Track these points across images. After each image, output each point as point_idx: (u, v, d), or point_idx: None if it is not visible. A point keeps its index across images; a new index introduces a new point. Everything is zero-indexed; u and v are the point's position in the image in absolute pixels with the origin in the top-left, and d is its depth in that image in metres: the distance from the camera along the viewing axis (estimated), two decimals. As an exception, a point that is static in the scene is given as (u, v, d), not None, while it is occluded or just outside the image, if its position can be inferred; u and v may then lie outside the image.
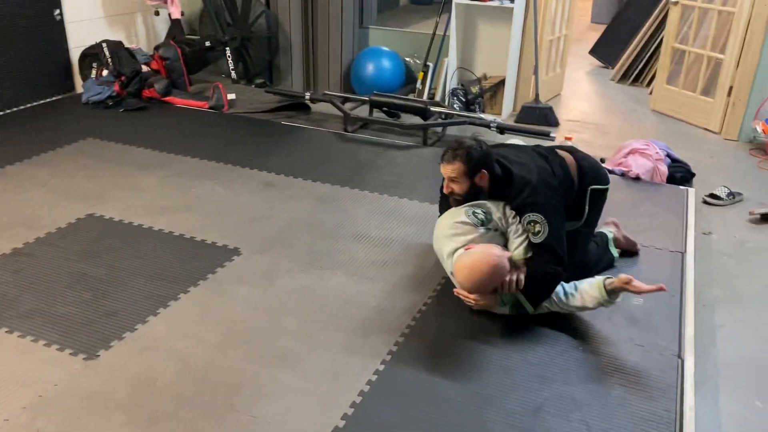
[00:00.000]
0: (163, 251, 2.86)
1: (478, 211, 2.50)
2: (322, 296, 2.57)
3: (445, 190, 2.57)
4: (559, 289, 2.40)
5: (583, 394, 2.09)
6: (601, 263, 2.81)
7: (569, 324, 2.43)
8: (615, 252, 2.86)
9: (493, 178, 2.52)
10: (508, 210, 2.50)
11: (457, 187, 2.52)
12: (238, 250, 2.88)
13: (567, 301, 2.38)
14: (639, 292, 2.25)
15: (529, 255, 2.44)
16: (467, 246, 2.40)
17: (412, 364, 2.20)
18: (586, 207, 2.63)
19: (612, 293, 2.29)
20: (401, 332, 2.36)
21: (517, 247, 2.45)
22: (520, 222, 2.46)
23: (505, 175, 2.51)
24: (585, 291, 2.35)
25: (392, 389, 2.09)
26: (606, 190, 2.71)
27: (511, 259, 2.38)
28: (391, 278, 2.70)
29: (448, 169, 2.50)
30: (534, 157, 2.60)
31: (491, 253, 2.29)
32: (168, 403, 2.00)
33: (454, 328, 2.40)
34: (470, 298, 2.41)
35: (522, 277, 2.39)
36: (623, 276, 2.28)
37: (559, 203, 2.50)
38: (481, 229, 2.46)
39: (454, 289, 2.47)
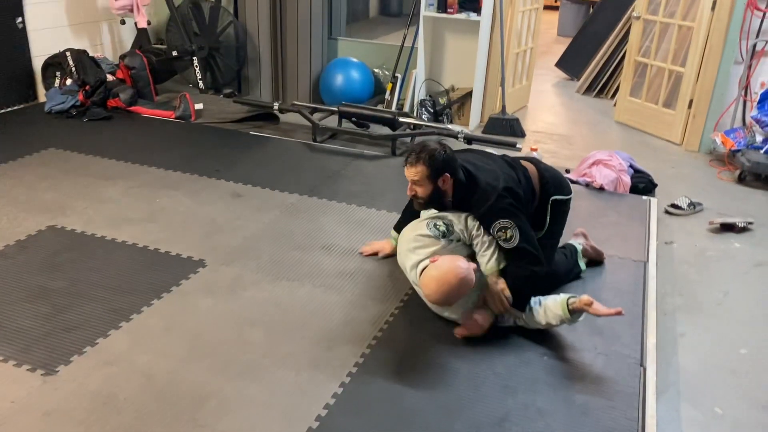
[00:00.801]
0: (126, 263, 2.81)
1: (440, 223, 2.51)
2: (288, 308, 2.55)
3: (408, 193, 2.57)
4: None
5: (548, 403, 2.11)
6: (569, 275, 2.84)
7: (535, 333, 2.45)
8: (583, 265, 2.90)
9: (457, 183, 2.52)
10: (470, 221, 2.51)
11: (420, 190, 2.52)
12: (203, 262, 2.84)
13: (532, 315, 2.41)
14: (597, 315, 2.29)
15: (503, 266, 2.46)
16: (432, 258, 2.41)
17: (379, 375, 2.20)
18: (548, 217, 2.66)
19: (574, 313, 2.33)
20: (368, 343, 2.35)
21: (489, 261, 2.46)
22: (488, 232, 2.47)
23: (470, 182, 2.52)
24: (549, 307, 2.38)
25: (358, 402, 2.08)
26: (568, 200, 2.75)
27: (476, 270, 2.39)
28: (358, 289, 2.70)
29: (411, 172, 2.50)
30: (501, 165, 2.62)
31: (458, 265, 2.30)
32: (130, 419, 1.96)
33: (420, 338, 2.41)
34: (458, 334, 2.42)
35: (507, 293, 2.41)
36: (585, 297, 2.32)
37: (525, 211, 2.54)
38: (443, 241, 2.48)
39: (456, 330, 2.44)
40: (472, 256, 2.51)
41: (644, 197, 3.75)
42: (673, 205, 3.82)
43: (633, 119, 5.40)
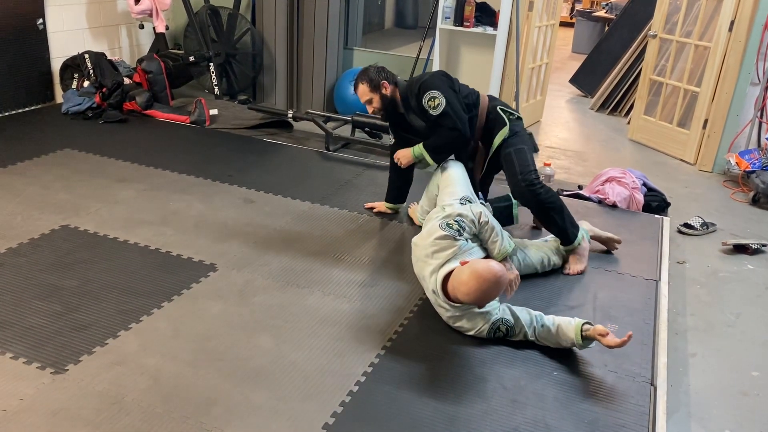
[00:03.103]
0: (137, 265, 2.82)
1: (451, 221, 2.54)
2: (298, 315, 2.55)
3: (369, 112, 3.14)
4: (538, 319, 2.44)
5: (556, 420, 2.09)
6: (570, 225, 3.00)
7: (544, 348, 2.44)
8: (583, 234, 3.03)
9: (400, 88, 3.08)
10: (474, 210, 2.59)
11: (374, 105, 3.07)
12: (214, 266, 2.85)
13: (544, 333, 2.41)
14: (609, 347, 2.28)
15: (513, 247, 2.66)
16: (462, 261, 2.42)
17: (387, 385, 2.19)
18: (502, 116, 3.09)
19: (586, 339, 2.33)
20: (376, 353, 2.35)
21: (500, 245, 2.61)
22: (421, 107, 2.95)
23: (411, 82, 3.07)
24: (562, 329, 2.37)
25: (366, 411, 2.07)
26: (514, 115, 3.13)
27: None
28: (368, 298, 2.70)
29: (359, 94, 3.08)
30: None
31: (493, 264, 2.32)
32: (137, 421, 1.96)
33: (429, 349, 2.40)
34: None
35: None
36: (600, 327, 2.31)
37: (456, 96, 3.02)
38: (460, 240, 2.49)
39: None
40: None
41: (657, 216, 3.73)
42: (686, 225, 3.80)
43: (647, 137, 5.39)
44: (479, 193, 3.15)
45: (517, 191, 2.96)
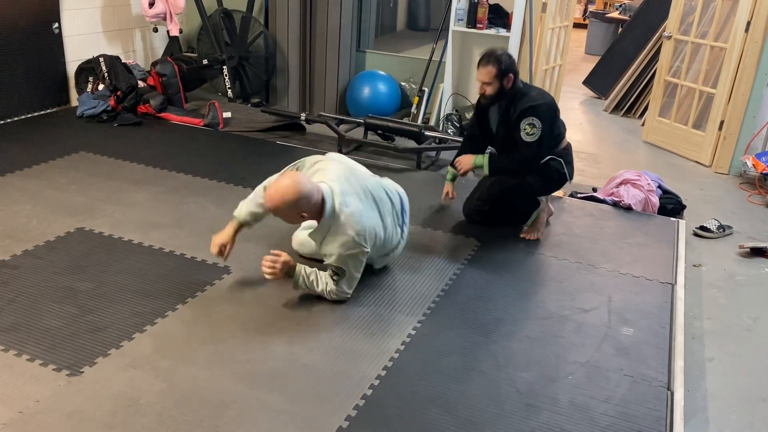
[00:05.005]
0: (152, 268, 2.84)
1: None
2: (311, 318, 2.55)
3: (479, 92, 3.16)
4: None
5: (572, 424, 2.07)
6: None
7: (559, 352, 2.42)
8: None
9: (515, 86, 3.09)
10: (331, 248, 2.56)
11: (488, 89, 3.08)
12: (228, 269, 2.86)
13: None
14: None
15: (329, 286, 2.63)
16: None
17: (401, 389, 2.18)
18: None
19: None
20: (390, 356, 2.34)
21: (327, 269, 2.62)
22: (518, 125, 3.03)
23: (525, 89, 3.12)
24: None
25: (380, 415, 2.06)
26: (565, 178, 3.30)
27: None
28: (381, 301, 2.69)
29: (482, 72, 3.06)
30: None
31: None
32: (152, 423, 1.97)
33: (443, 352, 2.39)
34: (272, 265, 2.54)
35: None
36: None
37: (551, 134, 3.10)
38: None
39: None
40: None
41: (672, 219, 3.70)
42: (702, 228, 3.76)
43: (661, 139, 5.35)
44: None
45: (488, 196, 3.37)
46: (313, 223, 2.60)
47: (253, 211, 2.74)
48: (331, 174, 2.58)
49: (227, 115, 4.95)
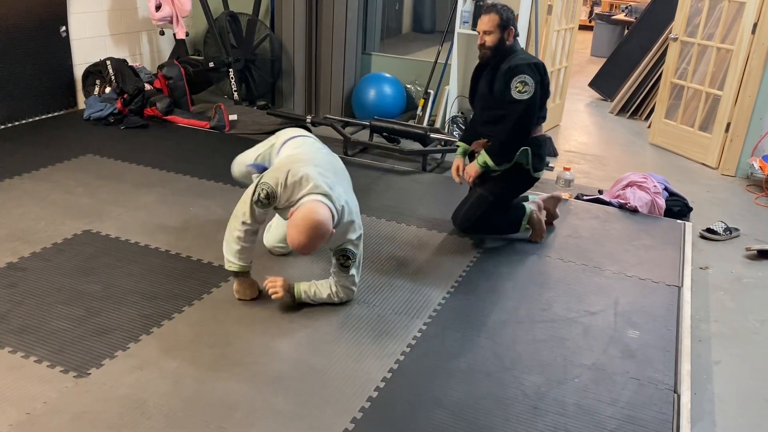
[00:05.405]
0: (158, 270, 2.85)
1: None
2: (317, 320, 2.55)
3: (478, 42, 3.07)
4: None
5: (578, 428, 2.07)
6: (512, 225, 3.32)
7: (565, 354, 2.42)
8: (523, 229, 3.31)
9: (514, 42, 3.05)
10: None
11: (489, 39, 3.01)
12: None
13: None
14: None
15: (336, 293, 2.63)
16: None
17: (406, 391, 2.18)
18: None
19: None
20: (396, 358, 2.34)
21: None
22: (507, 84, 2.94)
23: (518, 50, 3.06)
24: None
25: (386, 417, 2.06)
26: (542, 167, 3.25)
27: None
28: (387, 303, 2.69)
29: (484, 20, 3.00)
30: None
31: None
32: (158, 424, 1.97)
33: (449, 355, 2.39)
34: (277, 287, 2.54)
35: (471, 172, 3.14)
36: None
37: (541, 97, 3.04)
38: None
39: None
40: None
41: (679, 221, 3.69)
42: (709, 230, 3.75)
43: (668, 141, 5.33)
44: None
45: (458, 223, 3.32)
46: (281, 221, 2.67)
47: (246, 255, 2.59)
48: (311, 166, 2.46)
49: (233, 117, 4.97)
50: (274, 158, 2.80)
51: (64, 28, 4.91)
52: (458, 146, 3.41)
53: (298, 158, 2.54)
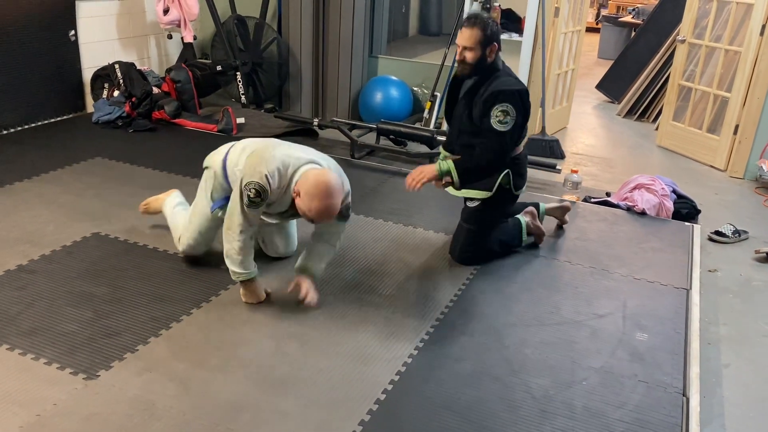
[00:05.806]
0: (167, 272, 2.86)
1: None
2: (324, 322, 2.56)
3: (457, 58, 2.86)
4: None
5: (586, 430, 2.06)
6: (513, 242, 3.17)
7: (574, 357, 2.41)
8: (524, 238, 3.18)
9: (495, 61, 2.84)
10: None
11: (470, 55, 2.79)
12: (242, 274, 2.87)
13: None
14: None
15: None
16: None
17: (415, 393, 2.18)
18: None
19: None
20: (403, 361, 2.34)
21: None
22: (487, 111, 2.77)
23: (502, 70, 2.86)
24: None
25: (393, 420, 2.06)
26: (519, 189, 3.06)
27: None
28: (394, 306, 2.69)
29: (465, 35, 2.77)
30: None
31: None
32: (167, 426, 1.98)
33: (457, 357, 2.38)
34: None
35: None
36: None
37: (521, 127, 2.86)
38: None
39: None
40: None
41: (687, 223, 3.67)
42: (717, 233, 3.73)
43: (675, 144, 5.31)
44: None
45: (457, 259, 3.09)
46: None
47: (249, 262, 2.58)
48: (276, 149, 2.50)
49: (241, 120, 4.98)
50: (230, 176, 2.67)
51: (72, 32, 4.94)
52: (441, 153, 3.21)
53: (260, 151, 2.52)
